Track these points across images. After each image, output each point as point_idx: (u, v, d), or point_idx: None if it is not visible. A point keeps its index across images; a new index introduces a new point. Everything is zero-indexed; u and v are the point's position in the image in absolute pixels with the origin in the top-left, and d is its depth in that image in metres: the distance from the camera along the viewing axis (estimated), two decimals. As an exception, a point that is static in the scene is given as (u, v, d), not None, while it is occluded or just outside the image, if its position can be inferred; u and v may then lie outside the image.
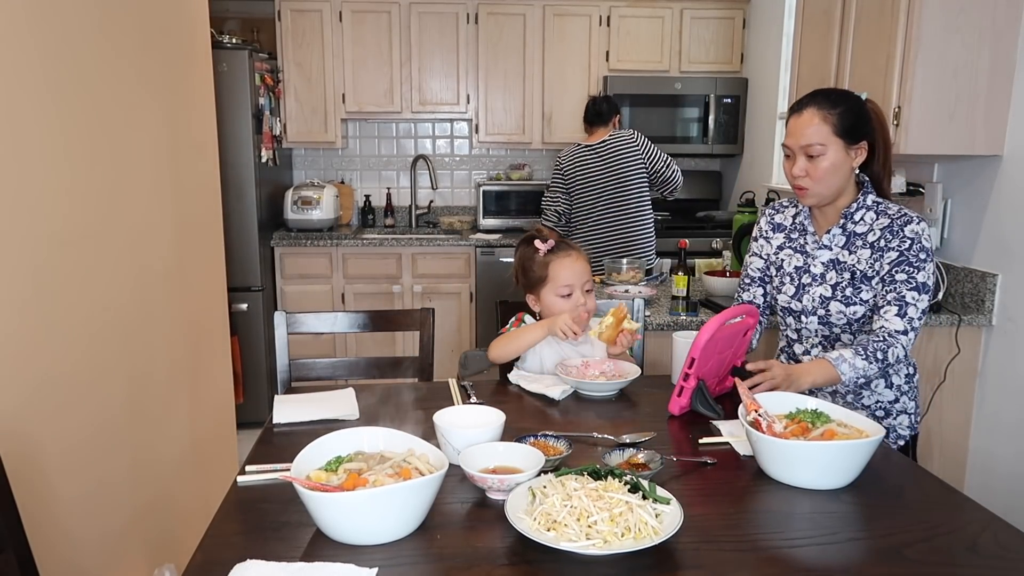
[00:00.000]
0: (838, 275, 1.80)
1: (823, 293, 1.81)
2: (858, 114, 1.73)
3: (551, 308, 1.94)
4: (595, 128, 3.55)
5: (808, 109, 1.73)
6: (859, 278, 1.77)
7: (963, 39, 2.38)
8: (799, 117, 1.73)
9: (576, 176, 3.49)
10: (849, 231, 1.80)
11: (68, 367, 1.72)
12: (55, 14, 1.68)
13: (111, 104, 1.93)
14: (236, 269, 3.75)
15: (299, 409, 1.65)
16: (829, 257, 1.82)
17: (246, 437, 2.38)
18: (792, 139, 1.74)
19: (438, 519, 1.18)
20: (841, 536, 1.15)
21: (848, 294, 1.77)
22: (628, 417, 1.67)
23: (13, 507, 1.25)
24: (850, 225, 1.79)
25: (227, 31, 3.94)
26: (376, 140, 4.81)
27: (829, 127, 1.70)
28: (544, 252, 1.95)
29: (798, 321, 1.87)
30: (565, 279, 1.91)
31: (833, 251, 1.82)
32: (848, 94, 1.77)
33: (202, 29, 2.55)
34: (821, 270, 1.82)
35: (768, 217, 1.97)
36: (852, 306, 1.77)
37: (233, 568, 1.04)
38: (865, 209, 1.78)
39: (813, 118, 1.71)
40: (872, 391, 1.84)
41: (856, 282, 1.77)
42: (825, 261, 1.82)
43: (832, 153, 1.70)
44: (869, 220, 1.78)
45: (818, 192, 1.74)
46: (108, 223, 1.91)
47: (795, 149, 1.73)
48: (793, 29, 3.24)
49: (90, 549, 1.80)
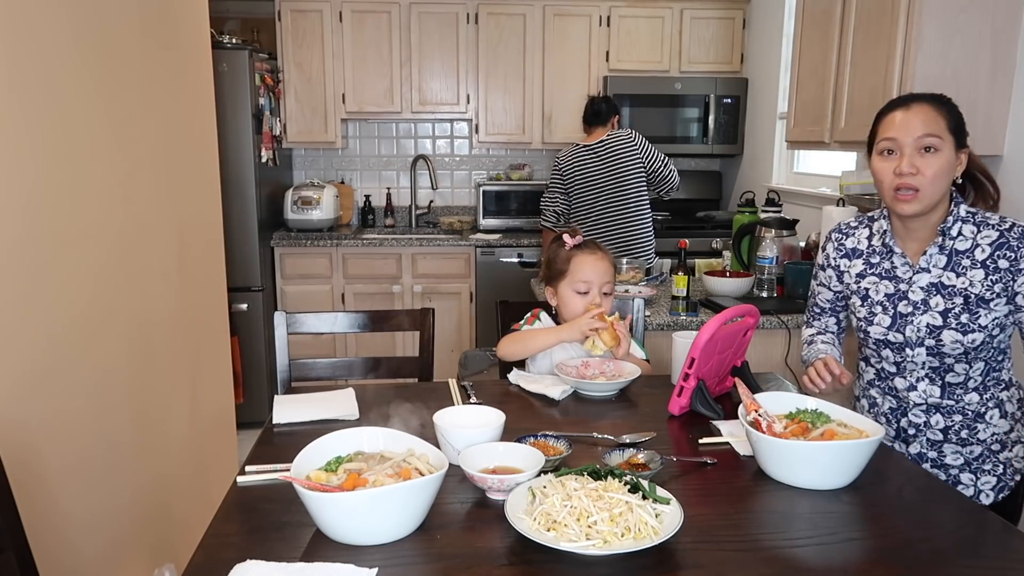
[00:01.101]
0: (946, 300, 1.61)
1: (931, 322, 1.62)
2: (960, 117, 1.60)
3: (566, 303, 1.95)
4: (594, 128, 3.56)
5: (918, 103, 1.59)
6: (974, 303, 1.58)
7: (963, 39, 2.38)
8: (907, 110, 1.58)
9: (575, 176, 3.50)
10: (950, 249, 1.62)
11: (68, 367, 1.72)
12: (55, 14, 1.68)
13: (111, 104, 1.93)
14: (236, 269, 3.75)
15: (299, 409, 1.65)
16: (929, 281, 1.63)
17: (246, 437, 2.38)
18: (901, 131, 1.57)
19: (438, 519, 1.18)
20: (841, 536, 1.15)
21: (964, 321, 1.59)
22: (628, 417, 1.67)
23: (13, 507, 1.25)
24: (948, 242, 1.61)
25: (227, 31, 3.94)
26: (376, 140, 4.81)
27: (944, 121, 1.56)
28: (570, 247, 1.96)
29: (899, 354, 1.67)
30: (584, 275, 1.92)
31: (933, 273, 1.63)
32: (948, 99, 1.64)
33: (202, 29, 2.55)
34: (922, 296, 1.64)
35: (836, 243, 1.80)
36: (970, 334, 1.58)
37: (233, 568, 1.04)
38: (962, 222, 1.61)
39: (929, 111, 1.57)
40: (988, 423, 1.65)
41: (972, 307, 1.58)
42: (925, 286, 1.64)
43: (947, 151, 1.56)
44: (970, 234, 1.61)
45: (929, 195, 1.56)
46: (108, 223, 1.91)
47: (905, 143, 1.56)
48: (793, 29, 3.24)
49: (90, 549, 1.80)
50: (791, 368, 2.57)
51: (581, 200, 3.51)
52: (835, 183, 3.23)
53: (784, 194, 3.78)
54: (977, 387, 1.64)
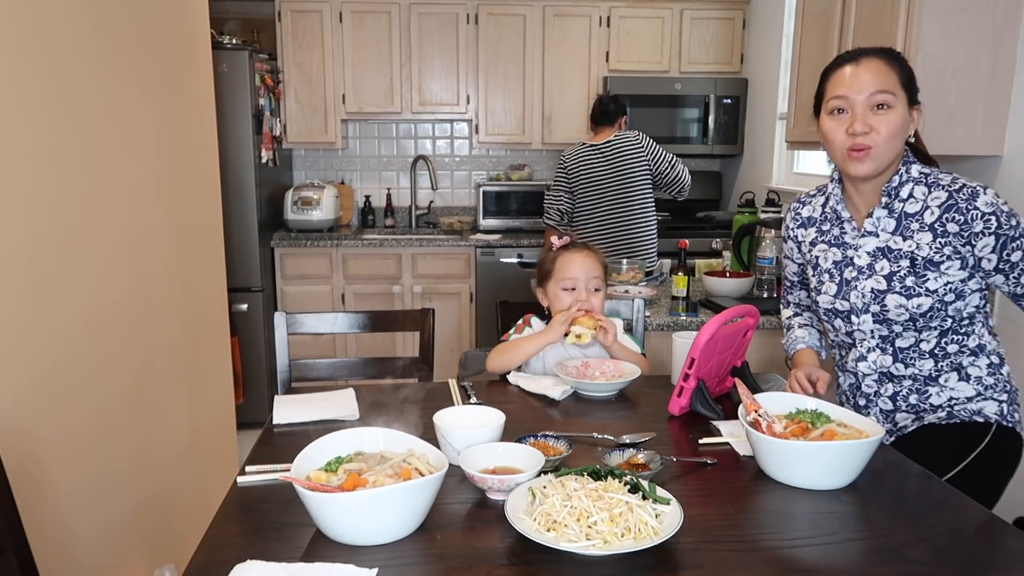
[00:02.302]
0: (892, 264, 1.56)
1: (875, 287, 1.57)
2: (911, 71, 1.53)
3: (555, 301, 1.98)
4: (601, 128, 3.54)
5: (868, 57, 1.51)
6: (921, 265, 1.52)
7: (963, 39, 2.38)
8: (857, 65, 1.51)
9: (580, 176, 3.49)
10: (899, 212, 1.55)
11: (68, 367, 1.72)
12: (55, 14, 1.68)
13: (111, 104, 1.93)
14: (236, 269, 3.75)
15: (299, 409, 1.65)
16: (876, 245, 1.58)
17: (246, 437, 2.38)
18: (851, 89, 1.50)
19: (438, 519, 1.18)
20: (841, 536, 1.15)
21: (909, 284, 1.53)
22: (628, 417, 1.67)
23: (13, 507, 1.25)
24: (897, 204, 1.55)
25: (227, 31, 3.94)
26: (376, 140, 4.81)
27: (896, 75, 1.49)
28: (557, 247, 2.01)
29: (848, 323, 1.65)
30: (570, 272, 1.95)
31: (881, 238, 1.58)
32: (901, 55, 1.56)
33: (202, 29, 2.55)
34: (867, 260, 1.59)
35: (793, 212, 1.78)
36: (915, 298, 1.53)
37: (233, 568, 1.04)
38: (912, 183, 1.55)
39: (880, 65, 1.49)
40: (943, 387, 1.59)
41: (918, 269, 1.52)
42: (871, 250, 1.59)
43: (900, 108, 1.49)
44: (921, 195, 1.54)
45: (883, 154, 1.51)
46: (108, 223, 1.91)
47: (856, 101, 1.49)
48: (793, 29, 3.24)
49: (90, 549, 1.80)
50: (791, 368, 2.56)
51: (585, 200, 3.50)
52: (835, 183, 3.22)
53: (784, 194, 3.78)
54: (932, 351, 1.57)
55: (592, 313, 1.90)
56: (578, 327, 1.87)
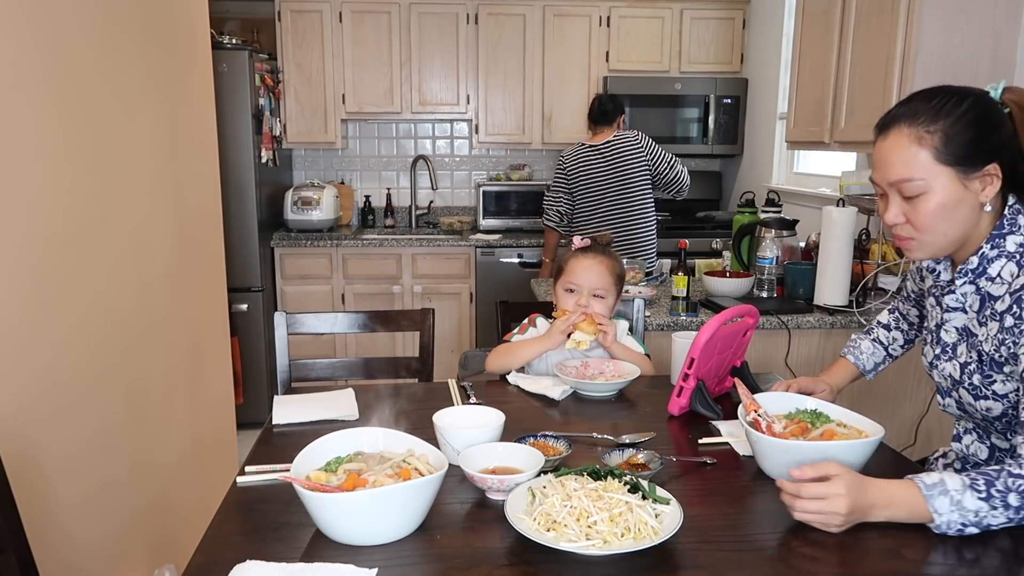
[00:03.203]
0: (968, 352, 1.29)
1: (952, 373, 1.33)
2: (978, 124, 1.19)
3: (558, 300, 1.99)
4: (600, 128, 3.54)
5: (896, 127, 1.22)
6: (987, 363, 1.26)
7: (963, 39, 2.38)
8: (884, 139, 1.24)
9: (580, 176, 3.49)
10: (984, 291, 1.27)
11: (68, 368, 1.72)
12: (55, 14, 1.68)
13: (111, 104, 1.93)
14: (236, 270, 3.75)
15: (299, 409, 1.65)
16: (964, 323, 1.32)
17: (246, 437, 2.39)
18: (878, 172, 1.26)
19: (438, 519, 1.18)
20: (841, 536, 1.15)
21: (976, 383, 1.28)
22: (628, 417, 1.67)
23: (13, 508, 1.25)
24: (984, 282, 1.27)
25: (227, 31, 3.94)
26: (376, 140, 4.81)
27: (929, 152, 1.19)
28: (575, 248, 2.00)
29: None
30: (575, 276, 1.95)
31: (969, 315, 1.31)
32: (962, 95, 1.22)
33: (202, 29, 2.55)
34: (954, 339, 1.33)
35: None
36: (982, 400, 1.28)
37: (233, 568, 1.04)
38: (1007, 259, 1.24)
39: (902, 141, 1.21)
40: None
41: (984, 368, 1.26)
42: (959, 327, 1.32)
43: (940, 189, 1.20)
44: (1008, 276, 1.24)
45: (929, 243, 1.25)
46: (108, 223, 1.91)
47: (883, 186, 1.26)
48: (793, 29, 3.24)
49: (90, 550, 1.80)
50: (791, 368, 2.57)
51: (585, 200, 3.50)
52: (835, 183, 3.23)
53: (784, 194, 3.78)
54: None
55: (593, 317, 1.88)
56: (578, 334, 1.86)
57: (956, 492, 1.09)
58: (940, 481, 1.11)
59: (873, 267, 2.68)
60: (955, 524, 1.10)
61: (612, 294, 1.96)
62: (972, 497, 1.09)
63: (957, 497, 1.09)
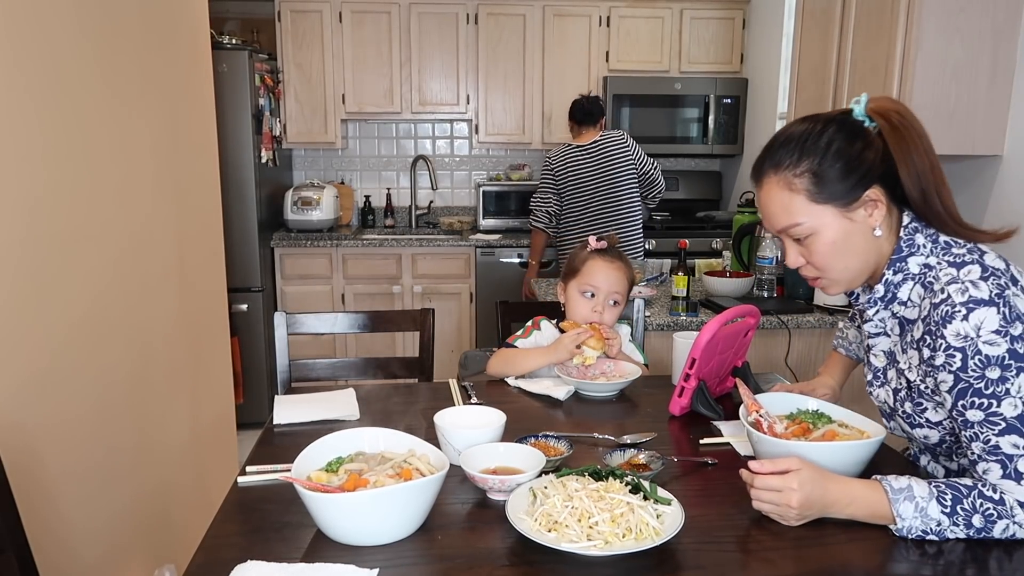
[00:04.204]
0: (897, 378, 1.26)
1: (887, 399, 1.31)
2: (843, 153, 1.16)
3: (571, 303, 1.94)
4: (584, 128, 3.58)
5: (766, 176, 1.22)
6: (916, 391, 1.23)
7: (963, 39, 2.38)
8: (760, 189, 1.24)
9: (568, 176, 3.51)
10: (900, 315, 1.24)
11: (69, 367, 1.72)
12: (55, 14, 1.68)
13: (111, 104, 1.93)
14: (236, 270, 3.75)
15: (299, 409, 1.65)
16: (889, 346, 1.29)
17: (246, 438, 2.38)
18: (764, 221, 1.26)
19: (439, 520, 1.18)
20: (841, 536, 1.15)
21: (908, 411, 1.25)
22: (629, 418, 1.67)
23: (13, 508, 1.25)
24: (897, 307, 1.23)
25: (227, 32, 3.94)
26: (376, 140, 4.81)
27: (802, 196, 1.17)
28: (591, 249, 1.94)
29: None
30: (593, 279, 1.90)
31: (892, 339, 1.28)
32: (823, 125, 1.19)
33: (202, 29, 2.55)
34: (883, 363, 1.30)
35: None
36: (918, 428, 1.25)
37: (234, 569, 1.04)
38: (912, 281, 1.20)
39: (774, 190, 1.21)
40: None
41: (913, 395, 1.24)
42: (886, 350, 1.29)
43: (826, 227, 1.18)
44: (916, 298, 1.20)
45: (837, 279, 1.23)
46: (108, 223, 1.91)
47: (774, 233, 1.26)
48: (793, 29, 3.24)
49: (91, 550, 1.80)
50: (791, 368, 2.56)
51: (574, 200, 3.52)
52: (835, 183, 3.22)
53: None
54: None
55: (600, 330, 1.84)
56: (586, 350, 1.82)
57: (922, 500, 1.10)
58: (908, 487, 1.11)
59: (873, 267, 2.68)
60: (916, 530, 1.10)
61: (624, 300, 1.94)
62: (936, 508, 1.09)
63: (922, 505, 1.10)
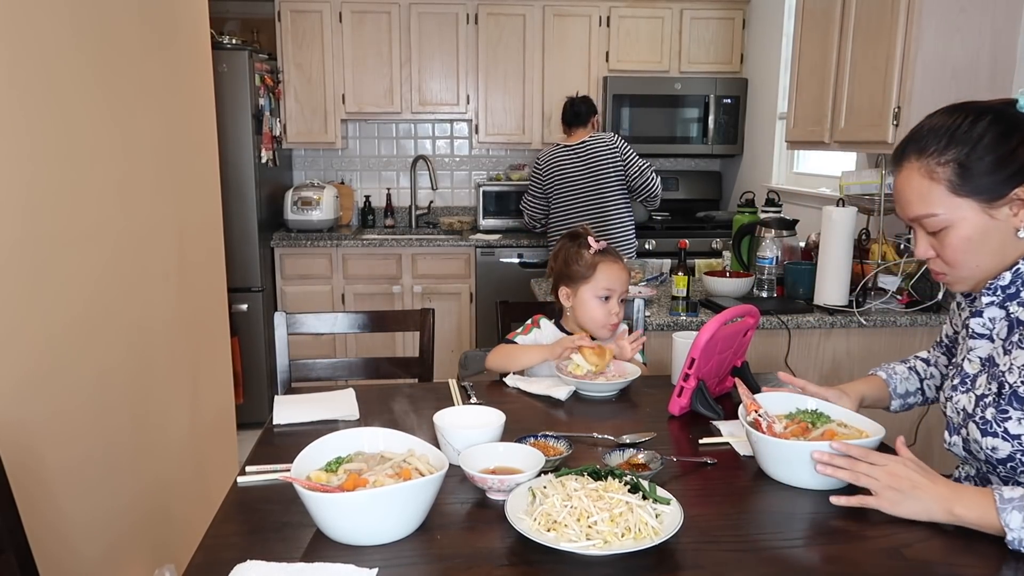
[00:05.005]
0: (988, 383, 1.19)
1: (966, 406, 1.23)
2: (997, 148, 1.09)
3: (585, 306, 1.95)
4: (574, 129, 3.59)
5: (907, 161, 1.15)
6: (1006, 396, 1.15)
7: (963, 39, 2.38)
8: (898, 174, 1.17)
9: (555, 177, 3.53)
10: (1014, 316, 1.17)
11: (68, 367, 1.72)
12: (55, 14, 1.68)
13: (111, 104, 1.93)
14: (236, 270, 3.75)
15: (299, 410, 1.65)
16: (988, 352, 1.22)
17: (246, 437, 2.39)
18: (897, 207, 1.20)
19: (438, 520, 1.18)
20: (841, 536, 1.15)
21: (988, 417, 1.17)
22: (628, 417, 1.67)
23: (13, 508, 1.25)
24: (1015, 307, 1.17)
25: (227, 32, 3.94)
26: (376, 140, 4.81)
27: (943, 186, 1.11)
28: (595, 251, 1.96)
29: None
30: (610, 283, 1.94)
31: (995, 344, 1.21)
32: (978, 114, 1.12)
33: (202, 29, 2.55)
34: (976, 369, 1.23)
35: None
36: (989, 437, 1.17)
37: (233, 568, 1.04)
38: None
39: (914, 176, 1.14)
40: None
41: (1002, 402, 1.15)
42: (983, 356, 1.22)
43: (963, 222, 1.12)
44: None
45: (965, 277, 1.18)
46: (108, 223, 1.91)
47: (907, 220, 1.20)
48: (793, 29, 3.24)
49: (90, 550, 1.80)
50: (791, 369, 2.56)
51: (562, 200, 3.53)
52: (835, 183, 3.23)
53: (784, 194, 3.78)
54: None
55: (604, 354, 1.83)
56: (581, 359, 1.81)
57: None
58: (1021, 496, 1.05)
59: (873, 267, 2.68)
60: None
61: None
62: None
63: None
